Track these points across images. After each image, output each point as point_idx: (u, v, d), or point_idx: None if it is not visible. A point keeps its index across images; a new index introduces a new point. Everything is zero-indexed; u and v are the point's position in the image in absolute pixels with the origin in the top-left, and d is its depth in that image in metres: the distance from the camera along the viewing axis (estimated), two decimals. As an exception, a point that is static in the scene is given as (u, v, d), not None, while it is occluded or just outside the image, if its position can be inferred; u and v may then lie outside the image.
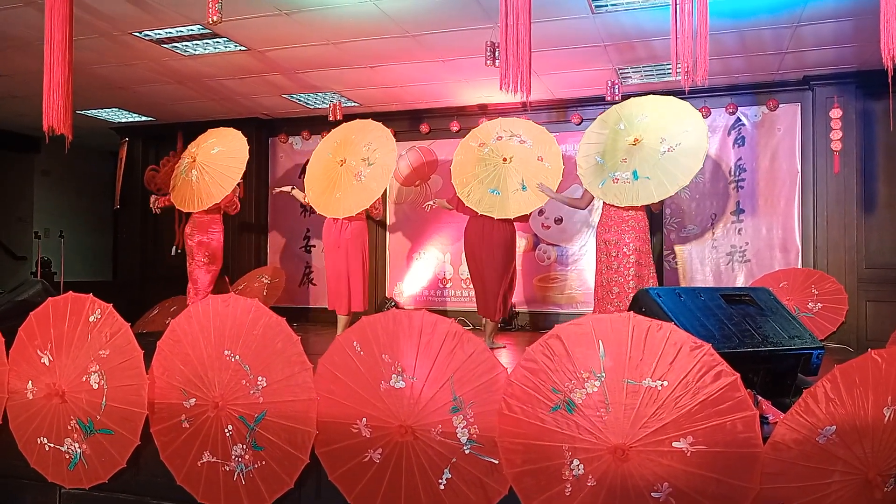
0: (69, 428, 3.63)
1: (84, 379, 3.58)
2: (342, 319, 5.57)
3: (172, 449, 3.44)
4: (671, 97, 5.16)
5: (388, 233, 7.72)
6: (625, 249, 4.92)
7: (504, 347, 5.59)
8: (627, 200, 4.86)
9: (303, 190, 5.93)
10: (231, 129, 6.18)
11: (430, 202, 6.09)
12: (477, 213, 5.46)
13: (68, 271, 8.44)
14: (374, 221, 6.97)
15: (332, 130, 6.10)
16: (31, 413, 3.74)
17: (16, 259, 9.12)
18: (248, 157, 5.85)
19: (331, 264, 5.63)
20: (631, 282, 4.86)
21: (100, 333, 3.58)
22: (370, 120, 5.95)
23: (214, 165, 5.85)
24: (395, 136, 7.37)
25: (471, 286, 5.98)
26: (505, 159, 5.55)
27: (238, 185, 6.03)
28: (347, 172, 5.57)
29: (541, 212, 6.98)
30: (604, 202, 5.11)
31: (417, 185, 7.61)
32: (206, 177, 5.82)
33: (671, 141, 4.86)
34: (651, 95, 5.23)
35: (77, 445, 3.61)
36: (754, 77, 6.30)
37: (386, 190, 6.92)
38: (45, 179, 9.44)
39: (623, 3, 4.62)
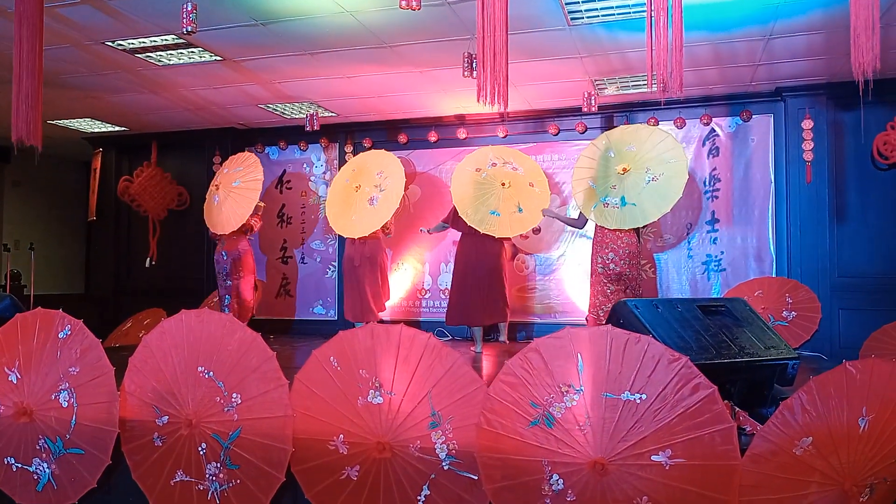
0: (37, 447, 3.53)
1: (53, 397, 3.49)
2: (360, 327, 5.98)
3: (145, 468, 3.36)
4: (657, 128, 5.76)
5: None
6: (620, 264, 5.32)
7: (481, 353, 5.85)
8: (616, 224, 5.37)
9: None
10: (247, 153, 6.86)
11: (432, 229, 6.57)
12: (469, 229, 5.88)
13: (39, 284, 8.27)
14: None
15: (351, 159, 7.02)
16: (-3, 433, 3.63)
17: (-16, 273, 8.92)
18: (262, 177, 6.41)
19: (348, 278, 6.29)
20: (626, 294, 5.17)
21: (70, 350, 3.48)
22: (383, 151, 6.86)
23: (236, 187, 6.44)
24: (373, 146, 7.44)
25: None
26: (504, 184, 6.14)
27: (259, 206, 6.59)
28: (362, 197, 6.28)
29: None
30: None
31: (396, 195, 7.59)
32: (229, 200, 6.41)
33: (655, 171, 5.38)
34: (638, 125, 5.84)
35: (46, 465, 3.51)
36: (728, 88, 6.38)
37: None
38: (15, 190, 9.24)
39: (599, 15, 4.65)
